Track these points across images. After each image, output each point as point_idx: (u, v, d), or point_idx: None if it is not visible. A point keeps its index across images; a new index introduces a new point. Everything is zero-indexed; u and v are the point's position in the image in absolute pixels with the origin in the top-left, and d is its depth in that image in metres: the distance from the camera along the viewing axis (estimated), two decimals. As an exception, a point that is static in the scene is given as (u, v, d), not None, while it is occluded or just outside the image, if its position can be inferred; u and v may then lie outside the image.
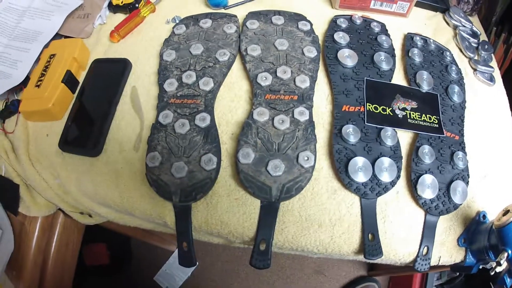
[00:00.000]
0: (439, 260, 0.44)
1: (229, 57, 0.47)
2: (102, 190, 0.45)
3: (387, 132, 0.45)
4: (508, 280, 0.39)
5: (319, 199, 0.43)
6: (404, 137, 0.48)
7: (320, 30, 0.53)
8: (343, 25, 0.52)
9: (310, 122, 0.44)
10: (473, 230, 0.45)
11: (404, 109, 0.48)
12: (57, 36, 0.57)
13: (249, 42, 0.49)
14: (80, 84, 0.52)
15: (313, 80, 0.47)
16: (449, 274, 0.76)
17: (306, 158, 0.42)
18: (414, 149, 0.46)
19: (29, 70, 0.53)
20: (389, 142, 0.45)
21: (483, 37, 0.62)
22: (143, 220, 0.46)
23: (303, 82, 0.45)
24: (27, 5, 0.60)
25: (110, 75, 0.51)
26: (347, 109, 0.46)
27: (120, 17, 0.57)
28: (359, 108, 0.46)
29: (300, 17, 0.53)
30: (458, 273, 0.75)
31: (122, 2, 0.56)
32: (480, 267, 0.46)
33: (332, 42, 0.50)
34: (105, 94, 0.50)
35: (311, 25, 0.52)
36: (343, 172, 0.43)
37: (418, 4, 0.58)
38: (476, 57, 0.59)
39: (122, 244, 0.86)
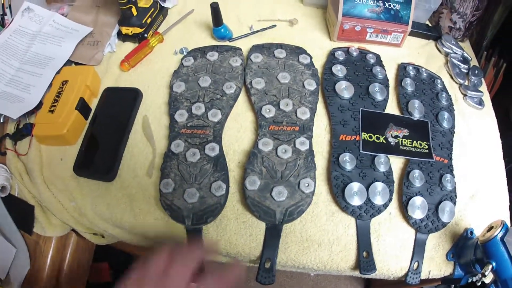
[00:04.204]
0: (429, 274, 0.53)
1: (235, 89, 0.56)
2: (117, 213, 0.53)
3: (381, 159, 0.55)
4: (494, 290, 0.48)
5: (319, 221, 0.52)
6: (397, 162, 0.57)
7: (319, 62, 0.62)
8: (341, 58, 0.62)
9: (310, 151, 0.53)
10: (461, 245, 0.53)
11: (396, 136, 0.57)
12: (68, 61, 0.64)
13: (253, 76, 0.58)
14: (92, 111, 0.60)
15: (313, 111, 0.56)
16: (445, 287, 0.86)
17: (307, 184, 0.50)
18: (405, 173, 0.55)
19: (42, 95, 0.61)
20: (382, 168, 0.54)
21: (474, 62, 0.72)
22: (155, 242, 0.55)
23: (303, 114, 0.55)
24: (37, 29, 0.68)
25: (122, 103, 0.59)
26: (344, 138, 0.55)
27: (129, 45, 0.65)
28: (355, 137, 0.55)
29: (300, 50, 0.62)
30: (453, 286, 0.84)
31: (131, 32, 0.64)
32: (470, 280, 0.54)
33: (330, 75, 0.59)
34: (117, 122, 0.58)
35: (311, 58, 0.61)
36: (340, 196, 0.52)
37: (411, 33, 0.68)
38: (466, 83, 0.69)
39: (125, 262, 0.93)
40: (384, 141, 0.56)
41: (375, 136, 0.56)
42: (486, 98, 0.69)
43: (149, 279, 0.34)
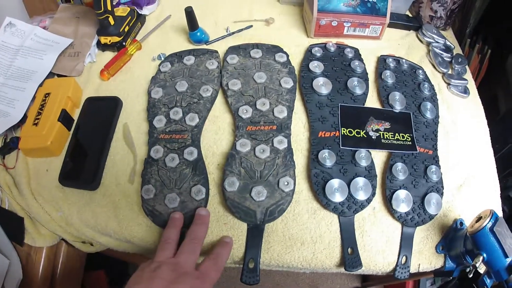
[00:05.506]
0: (418, 267, 0.52)
1: (212, 92, 0.56)
2: (102, 221, 0.53)
3: (361, 154, 0.54)
4: (488, 281, 0.46)
5: (300, 219, 0.51)
6: (379, 156, 0.56)
7: (296, 60, 0.62)
8: (318, 54, 0.61)
9: (289, 150, 0.53)
10: (451, 237, 0.53)
11: (377, 130, 0.57)
12: (50, 74, 0.65)
13: (229, 77, 0.58)
14: (75, 122, 0.61)
15: (290, 109, 0.55)
16: (443, 279, 0.85)
17: (286, 183, 0.50)
18: (388, 167, 0.55)
19: (26, 108, 0.62)
20: (363, 163, 0.54)
21: (457, 50, 0.71)
22: (141, 246, 0.55)
23: (281, 112, 0.54)
24: (19, 44, 0.69)
25: (103, 112, 0.60)
26: (323, 135, 0.55)
27: (108, 55, 0.66)
28: (334, 133, 0.55)
29: (277, 49, 0.62)
30: (451, 277, 0.84)
31: (110, 41, 0.65)
32: (468, 269, 0.53)
33: (307, 72, 0.59)
34: (99, 131, 0.58)
35: (287, 56, 0.61)
36: (321, 193, 0.51)
37: (391, 25, 0.67)
38: (449, 72, 0.68)
39: (121, 270, 0.94)
40: (365, 136, 0.56)
41: (355, 131, 0.56)
42: (471, 86, 0.68)
43: (163, 265, 0.41)
